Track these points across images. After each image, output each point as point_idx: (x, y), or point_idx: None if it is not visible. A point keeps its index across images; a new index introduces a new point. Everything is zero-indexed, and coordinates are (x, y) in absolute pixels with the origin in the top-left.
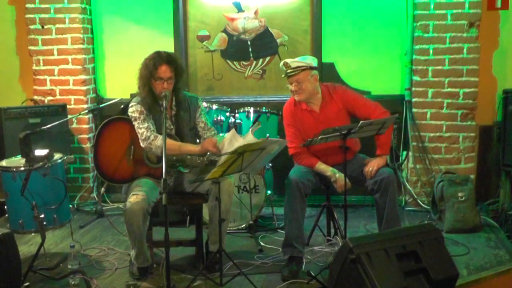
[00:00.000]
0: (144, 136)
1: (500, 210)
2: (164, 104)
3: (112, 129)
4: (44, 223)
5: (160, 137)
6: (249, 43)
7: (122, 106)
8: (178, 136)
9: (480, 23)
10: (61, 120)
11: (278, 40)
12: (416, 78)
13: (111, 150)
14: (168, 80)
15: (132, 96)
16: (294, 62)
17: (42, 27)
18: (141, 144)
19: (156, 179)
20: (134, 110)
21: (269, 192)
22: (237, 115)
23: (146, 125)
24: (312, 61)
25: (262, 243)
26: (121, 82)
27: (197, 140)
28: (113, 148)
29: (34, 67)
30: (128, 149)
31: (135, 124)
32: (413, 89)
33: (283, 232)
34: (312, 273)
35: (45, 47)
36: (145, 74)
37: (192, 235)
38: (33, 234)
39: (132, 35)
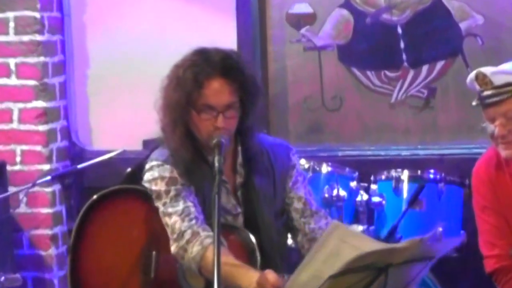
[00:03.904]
0: (178, 230)
1: None
2: (217, 163)
3: (108, 216)
4: None
5: (210, 236)
6: (399, 31)
7: (130, 168)
8: (252, 229)
9: None
10: None
11: (463, 25)
12: None
13: (106, 261)
14: (226, 111)
15: (150, 145)
16: (498, 73)
17: None
18: (172, 247)
19: None
20: (156, 176)
21: None
22: (374, 186)
23: (181, 207)
24: None
25: None
26: (122, 117)
27: (289, 239)
28: (111, 256)
29: None
30: (144, 258)
31: (159, 206)
32: None
33: None
34: None
35: None
36: (178, 99)
37: None
38: None
39: (146, 16)
